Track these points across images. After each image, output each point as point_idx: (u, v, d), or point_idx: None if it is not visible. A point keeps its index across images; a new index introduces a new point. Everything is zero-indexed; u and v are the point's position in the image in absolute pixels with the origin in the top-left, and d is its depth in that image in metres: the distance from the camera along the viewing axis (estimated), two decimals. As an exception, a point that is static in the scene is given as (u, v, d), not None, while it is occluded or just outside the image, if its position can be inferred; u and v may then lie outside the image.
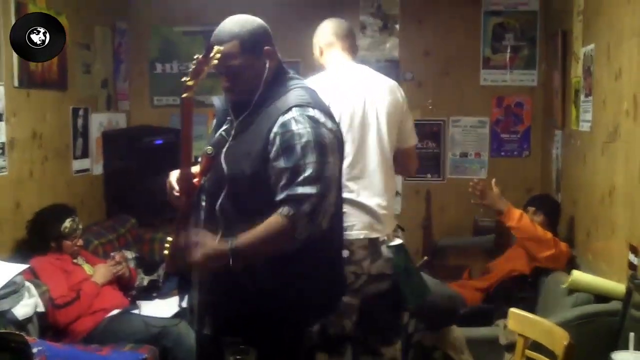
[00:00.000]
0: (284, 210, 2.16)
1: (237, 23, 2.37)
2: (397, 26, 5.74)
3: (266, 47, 2.37)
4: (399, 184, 5.70)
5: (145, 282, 4.47)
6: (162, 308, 4.11)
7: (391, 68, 5.70)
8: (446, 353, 3.68)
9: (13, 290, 3.45)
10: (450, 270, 4.96)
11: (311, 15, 3.88)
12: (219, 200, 2.26)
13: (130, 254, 4.62)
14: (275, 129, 2.24)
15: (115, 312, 3.91)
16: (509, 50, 5.67)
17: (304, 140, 2.21)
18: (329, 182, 2.26)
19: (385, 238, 3.14)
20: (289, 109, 2.26)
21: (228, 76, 2.37)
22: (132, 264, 4.51)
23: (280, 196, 2.20)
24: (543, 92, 5.58)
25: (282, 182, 2.20)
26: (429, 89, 5.74)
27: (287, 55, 2.46)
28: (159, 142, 5.39)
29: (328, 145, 2.27)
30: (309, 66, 3.54)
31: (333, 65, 3.26)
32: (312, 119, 2.25)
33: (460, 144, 5.77)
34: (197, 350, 2.67)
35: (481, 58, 5.70)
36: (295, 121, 2.23)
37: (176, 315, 3.95)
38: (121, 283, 4.22)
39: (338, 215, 2.48)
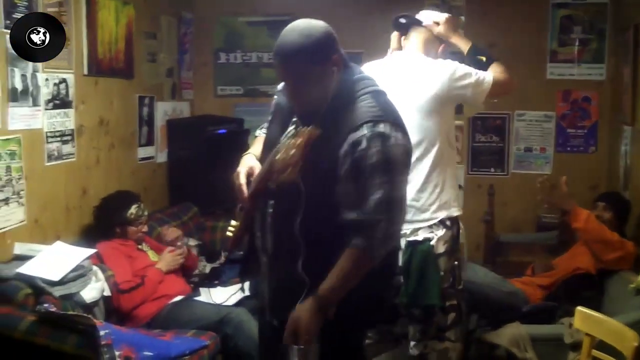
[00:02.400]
0: (357, 242, 2.13)
1: (301, 34, 2.22)
2: (462, 18, 5.66)
3: (334, 56, 2.26)
4: (461, 178, 5.65)
5: (207, 270, 4.52)
6: (223, 295, 4.15)
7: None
8: (509, 350, 3.63)
9: (81, 274, 3.52)
10: (512, 267, 4.88)
11: (375, 6, 3.88)
12: (297, 219, 2.19)
13: (192, 242, 4.67)
14: (345, 147, 2.17)
15: (178, 298, 3.97)
16: (576, 44, 5.54)
17: (374, 160, 2.15)
18: (399, 203, 2.22)
19: (407, 232, 3.11)
20: (360, 126, 2.17)
21: (295, 89, 2.28)
22: (194, 252, 4.57)
23: (350, 216, 2.16)
24: (611, 86, 5.45)
25: (352, 203, 2.16)
26: (494, 82, 5.65)
27: (350, 47, 2.39)
28: (222, 131, 5.44)
29: (399, 163, 2.21)
30: (372, 57, 3.52)
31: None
32: (382, 136, 2.17)
33: (524, 138, 5.67)
34: (261, 338, 2.69)
35: (548, 51, 5.59)
36: (366, 139, 2.16)
37: (237, 303, 3.99)
38: (183, 269, 4.28)
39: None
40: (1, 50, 3.46)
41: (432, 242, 3.14)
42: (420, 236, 3.14)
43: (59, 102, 3.99)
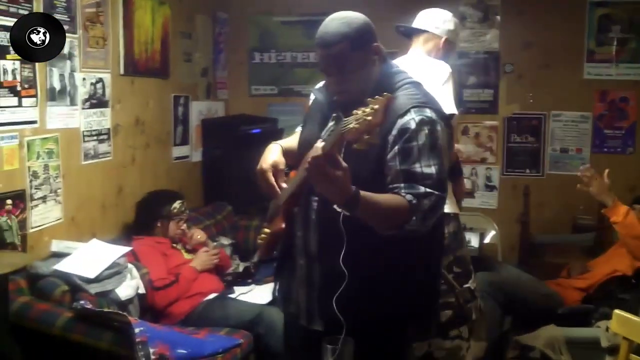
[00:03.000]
0: (408, 197, 2.12)
1: (343, 22, 2.25)
2: (498, 17, 5.62)
3: (374, 44, 2.29)
4: (496, 178, 5.62)
5: (240, 269, 4.53)
6: (256, 294, 4.17)
7: (491, 60, 5.61)
8: (544, 352, 3.59)
9: (117, 271, 3.56)
10: (547, 268, 4.83)
11: (409, 5, 3.87)
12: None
13: (226, 240, 4.70)
14: (394, 132, 2.19)
15: (211, 296, 3.98)
16: (614, 43, 5.45)
17: (422, 142, 2.17)
18: (445, 184, 2.22)
19: None
20: (407, 111, 2.20)
21: (338, 79, 2.29)
22: (227, 251, 4.59)
23: (401, 191, 2.15)
24: (650, 86, 5.37)
25: (401, 183, 2.15)
26: (529, 82, 5.60)
27: (384, 46, 2.40)
28: (256, 131, 5.46)
29: (444, 148, 2.23)
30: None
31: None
32: (430, 121, 2.20)
33: (560, 139, 5.60)
34: (288, 343, 2.69)
35: (585, 50, 5.50)
36: (415, 123, 2.18)
37: (270, 303, 4.00)
38: (216, 268, 4.30)
39: (442, 220, 2.43)
40: (40, 50, 3.52)
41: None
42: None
43: (96, 101, 4.04)
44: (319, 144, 1.98)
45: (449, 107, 3.18)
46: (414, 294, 2.32)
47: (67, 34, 3.69)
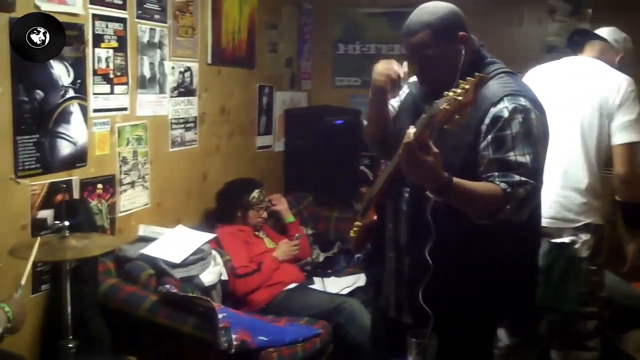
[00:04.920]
0: (502, 185, 2.09)
1: (427, 11, 2.27)
2: (589, 10, 5.45)
3: (460, 33, 2.26)
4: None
5: (320, 258, 4.55)
6: (337, 285, 4.18)
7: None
8: (632, 356, 3.48)
9: (201, 257, 3.62)
10: (635, 269, 4.67)
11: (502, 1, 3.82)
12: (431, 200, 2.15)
13: (306, 230, 4.72)
14: (487, 121, 2.16)
15: (292, 285, 4.01)
16: None
17: (515, 130, 2.13)
18: (540, 174, 2.18)
19: (552, 232, 3.10)
20: (500, 99, 2.17)
21: (422, 67, 2.30)
22: (308, 240, 4.61)
23: (495, 180, 2.12)
24: None
25: (494, 172, 2.12)
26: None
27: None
28: (339, 122, 5.45)
29: (540, 136, 2.18)
30: (492, 51, 3.46)
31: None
32: (524, 109, 2.16)
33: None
34: (374, 335, 2.68)
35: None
36: (508, 111, 2.14)
37: (350, 293, 4.01)
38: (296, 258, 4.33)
39: (537, 211, 2.38)
40: (132, 39, 3.60)
41: (577, 246, 3.10)
42: (565, 238, 3.09)
43: (184, 90, 4.11)
44: (411, 129, 1.97)
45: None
46: (504, 288, 2.28)
47: (158, 24, 3.78)
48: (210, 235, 3.78)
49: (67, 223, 2.75)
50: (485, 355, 2.45)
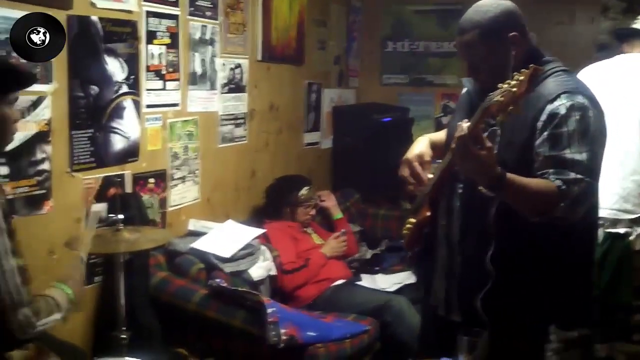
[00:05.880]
0: (557, 182, 2.06)
1: (479, 10, 2.25)
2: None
3: (511, 34, 2.22)
4: None
5: (368, 256, 4.55)
6: (384, 282, 4.17)
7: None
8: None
9: (250, 252, 3.65)
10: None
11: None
12: (494, 203, 2.16)
13: (354, 227, 4.72)
14: (543, 117, 2.14)
15: (339, 282, 4.02)
16: None
17: (572, 128, 2.10)
18: (597, 173, 2.16)
19: (607, 222, 3.10)
20: (557, 96, 2.14)
21: (472, 66, 2.29)
22: (355, 237, 4.61)
23: (551, 177, 2.09)
24: None
25: (549, 169, 2.10)
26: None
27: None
28: (387, 119, 5.44)
29: (597, 135, 2.16)
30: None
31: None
32: (582, 107, 2.13)
33: None
34: (424, 333, 2.68)
35: None
36: (565, 108, 2.12)
37: (398, 291, 4.00)
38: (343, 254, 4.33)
39: (594, 210, 2.35)
40: (185, 36, 3.65)
41: (631, 238, 3.06)
42: (621, 229, 3.05)
43: (234, 86, 4.14)
44: (464, 123, 1.96)
45: None
46: (561, 287, 2.25)
47: (209, 20, 3.83)
48: (259, 231, 3.81)
49: (121, 216, 2.80)
50: (537, 353, 2.42)
